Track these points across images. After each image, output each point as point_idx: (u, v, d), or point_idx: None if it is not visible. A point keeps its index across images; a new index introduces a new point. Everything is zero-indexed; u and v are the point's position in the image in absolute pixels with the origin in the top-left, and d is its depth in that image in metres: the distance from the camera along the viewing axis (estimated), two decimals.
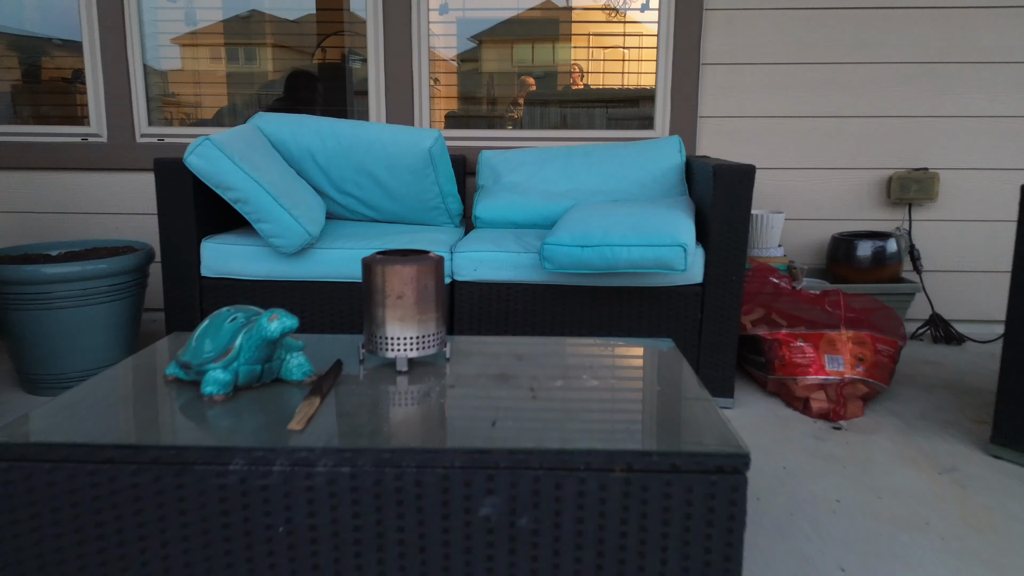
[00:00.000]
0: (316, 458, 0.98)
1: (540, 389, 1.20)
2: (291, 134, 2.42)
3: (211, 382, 1.13)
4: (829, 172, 2.89)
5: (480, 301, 2.17)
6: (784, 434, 1.99)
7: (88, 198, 3.01)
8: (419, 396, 1.16)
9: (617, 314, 2.14)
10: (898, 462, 1.83)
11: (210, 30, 3.04)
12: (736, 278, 2.09)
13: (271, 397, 1.16)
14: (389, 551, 0.99)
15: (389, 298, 1.26)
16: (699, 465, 0.96)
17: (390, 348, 1.27)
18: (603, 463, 0.96)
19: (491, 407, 1.12)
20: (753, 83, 2.84)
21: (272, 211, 2.04)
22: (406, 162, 2.35)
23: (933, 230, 2.91)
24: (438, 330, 1.30)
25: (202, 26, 3.04)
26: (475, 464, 0.97)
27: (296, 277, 2.16)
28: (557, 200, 2.53)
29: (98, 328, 2.26)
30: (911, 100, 2.83)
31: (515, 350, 1.42)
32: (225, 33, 3.04)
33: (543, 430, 1.02)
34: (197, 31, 3.04)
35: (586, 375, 1.27)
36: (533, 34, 2.99)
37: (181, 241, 2.16)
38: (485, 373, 1.28)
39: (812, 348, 2.16)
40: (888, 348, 2.18)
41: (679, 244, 1.92)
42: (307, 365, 1.22)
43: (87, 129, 2.97)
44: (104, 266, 2.21)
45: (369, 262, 1.26)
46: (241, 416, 1.08)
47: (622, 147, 2.65)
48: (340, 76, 3.06)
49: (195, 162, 1.99)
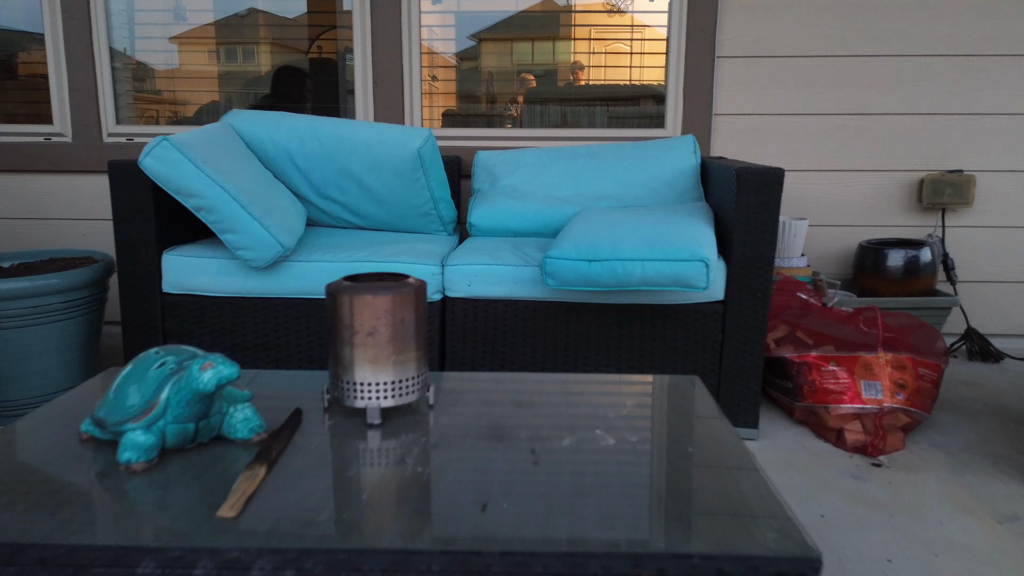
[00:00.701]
0: (250, 560, 0.75)
1: (543, 451, 0.97)
2: (268, 134, 2.19)
3: (129, 447, 0.90)
4: (854, 174, 2.66)
5: (474, 319, 1.94)
6: (818, 472, 1.76)
7: (53, 202, 2.78)
8: (393, 461, 0.93)
9: (627, 335, 1.91)
10: (951, 508, 1.60)
11: (191, 21, 2.80)
12: (762, 295, 1.86)
13: (208, 462, 0.93)
14: None
15: (358, 335, 1.03)
16: (754, 572, 0.73)
17: (359, 396, 1.04)
18: (628, 568, 0.73)
19: (483, 478, 0.89)
20: (772, 78, 2.61)
21: (240, 220, 1.81)
22: (393, 164, 2.12)
23: (967, 237, 2.68)
24: (419, 372, 1.07)
25: (179, 18, 2.80)
26: (458, 568, 0.74)
27: (269, 293, 1.93)
28: (560, 206, 2.30)
29: (50, 350, 2.03)
30: (944, 96, 2.59)
31: (513, 391, 1.19)
32: (205, 26, 2.81)
33: (547, 516, 0.79)
34: (173, 22, 2.80)
35: (599, 429, 1.04)
36: (533, 31, 2.76)
37: (140, 253, 1.93)
38: (476, 426, 1.05)
39: (846, 373, 1.93)
40: (931, 372, 1.95)
41: (700, 259, 1.68)
42: (255, 420, 0.99)
43: (50, 128, 2.74)
44: (56, 281, 1.98)
45: (334, 290, 1.03)
46: (165, 492, 0.85)
47: (631, 147, 2.42)
48: (332, 73, 2.82)
49: (151, 165, 1.76)
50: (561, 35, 2.74)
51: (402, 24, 2.64)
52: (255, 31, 2.82)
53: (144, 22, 2.77)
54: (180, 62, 2.82)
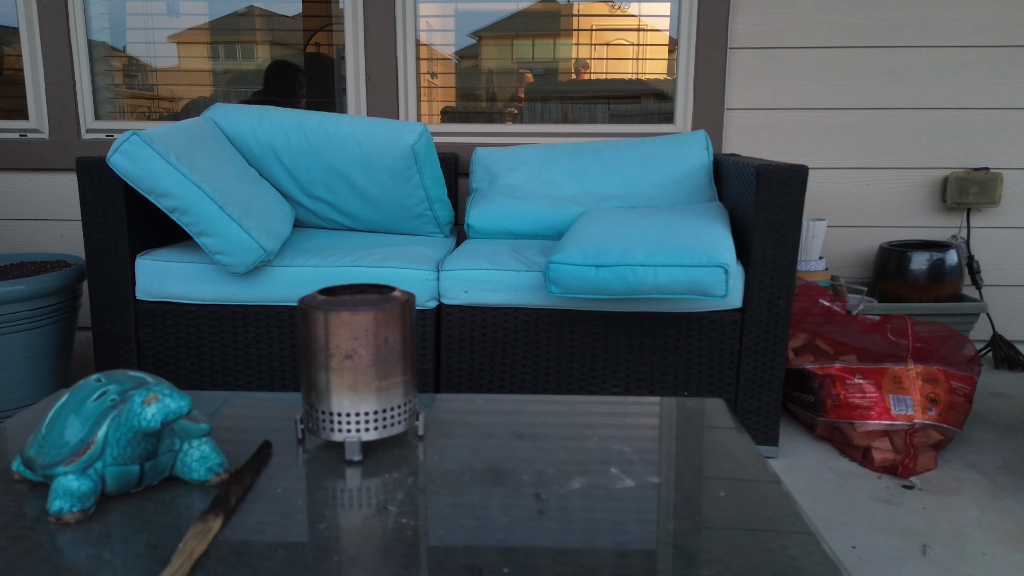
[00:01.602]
0: None
1: (550, 497, 0.83)
2: (251, 129, 2.05)
3: (60, 494, 0.76)
4: (875, 172, 2.52)
5: (472, 329, 1.80)
6: (846, 497, 1.62)
7: (29, 202, 2.64)
8: (373, 511, 0.79)
9: (637, 346, 1.77)
10: (994, 539, 1.46)
11: (186, 15, 2.66)
12: (784, 302, 1.72)
13: (155, 510, 0.79)
14: None
15: (334, 358, 0.89)
16: None
17: (336, 428, 0.90)
18: None
19: (478, 533, 0.75)
20: (788, 70, 2.47)
21: (217, 222, 1.67)
22: (384, 161, 1.98)
23: (994, 239, 2.53)
24: (405, 400, 0.93)
25: (172, 13, 2.66)
26: None
27: (250, 301, 1.79)
28: (563, 206, 2.15)
29: (18, 361, 1.89)
30: (970, 90, 2.45)
31: (513, 420, 1.04)
32: (199, 28, 2.67)
33: None
34: (156, 13, 2.66)
35: (615, 468, 0.90)
36: (534, 29, 2.61)
37: (111, 258, 1.79)
38: (471, 464, 0.91)
39: (873, 386, 1.79)
40: (964, 386, 1.81)
41: (719, 264, 1.54)
42: (214, 457, 0.85)
43: (26, 124, 2.60)
44: (22, 287, 1.84)
45: (306, 306, 0.89)
46: (100, 548, 0.71)
47: (639, 144, 2.27)
48: (327, 69, 2.68)
49: (120, 162, 1.62)
50: (562, 33, 2.60)
51: (396, 13, 2.50)
52: (251, 28, 2.68)
53: (132, 12, 2.63)
54: (175, 58, 2.68)
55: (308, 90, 2.72)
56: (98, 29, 2.60)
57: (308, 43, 2.69)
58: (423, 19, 2.58)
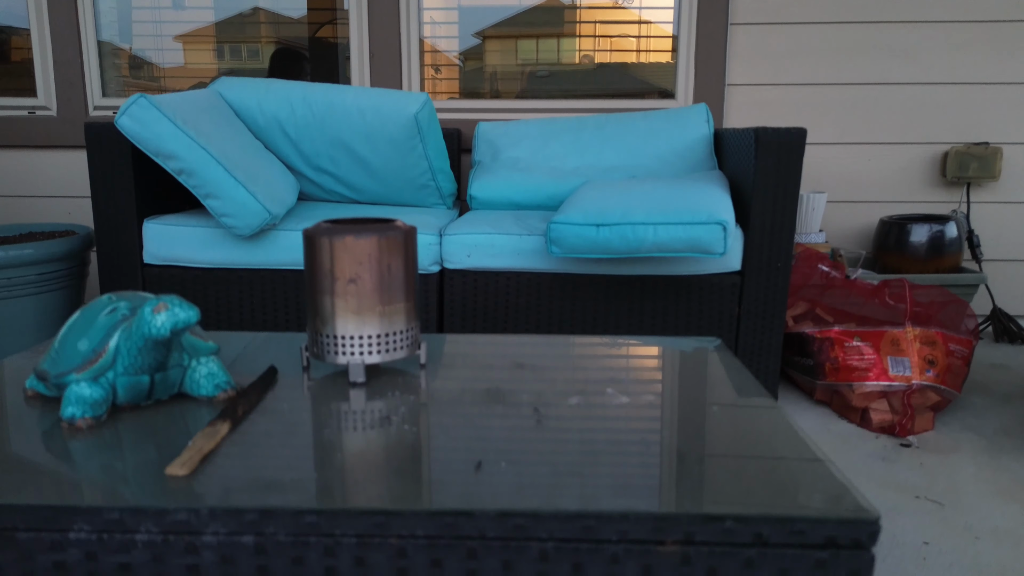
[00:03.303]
0: (203, 524, 0.63)
1: (548, 413, 0.85)
2: (257, 101, 2.07)
3: (73, 401, 0.78)
4: (875, 147, 2.54)
5: (474, 293, 1.82)
6: (844, 456, 1.64)
7: (38, 179, 2.67)
8: (375, 422, 0.82)
9: (637, 310, 1.79)
10: (991, 492, 1.47)
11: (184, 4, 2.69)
12: (782, 265, 1.73)
13: (165, 421, 0.81)
14: None
15: (339, 283, 0.91)
16: (798, 537, 0.61)
17: (341, 351, 0.93)
18: (649, 533, 0.61)
19: (477, 440, 0.77)
20: (790, 46, 2.49)
21: (223, 184, 1.69)
22: (388, 132, 2.00)
23: (993, 214, 2.55)
24: (408, 326, 0.96)
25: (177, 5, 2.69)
26: (447, 532, 0.62)
27: (255, 264, 1.82)
28: (565, 178, 2.18)
29: (27, 326, 1.92)
30: (971, 64, 2.47)
31: (514, 354, 1.07)
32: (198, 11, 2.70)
33: (553, 479, 0.68)
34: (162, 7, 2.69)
35: (611, 388, 0.92)
36: (538, 27, 2.63)
37: (119, 222, 1.82)
38: (472, 387, 0.93)
39: (872, 349, 1.80)
40: (962, 349, 1.83)
41: (717, 221, 1.56)
42: (222, 375, 0.87)
43: (34, 101, 2.63)
44: (31, 251, 1.87)
45: (312, 233, 0.92)
46: (112, 451, 0.74)
47: (640, 117, 2.29)
48: (332, 59, 2.71)
49: (127, 124, 1.64)
50: (565, 31, 2.62)
51: (400, 11, 2.52)
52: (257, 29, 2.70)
53: (138, 6, 2.66)
54: (184, 59, 2.71)
55: (312, 77, 2.75)
56: (106, 24, 2.64)
57: (313, 35, 2.72)
58: (427, 12, 2.61)
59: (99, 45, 2.62)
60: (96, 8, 2.60)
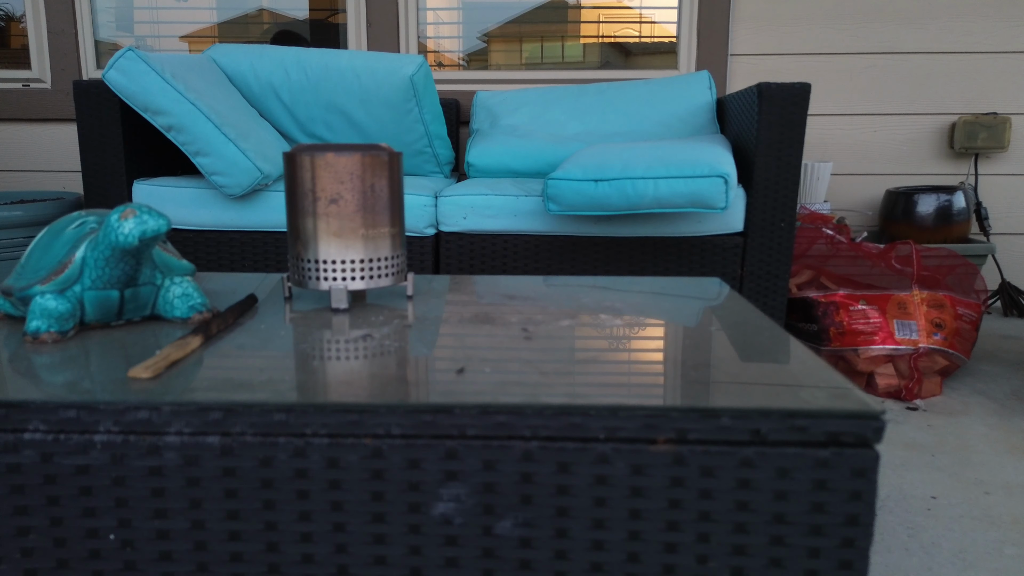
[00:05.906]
0: (164, 421, 0.59)
1: (538, 331, 0.81)
2: (250, 67, 2.04)
3: (37, 314, 0.74)
4: (882, 118, 2.49)
5: (471, 257, 1.78)
6: None
7: (31, 153, 2.64)
8: (355, 339, 0.78)
9: (638, 271, 1.75)
10: (1001, 450, 1.43)
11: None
12: (786, 224, 1.69)
13: (135, 339, 0.77)
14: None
15: (320, 203, 0.87)
16: (799, 433, 0.57)
17: (322, 275, 0.89)
18: (638, 430, 0.57)
19: (462, 350, 0.73)
20: (794, 14, 2.44)
21: (213, 141, 1.66)
22: (383, 95, 1.96)
23: (1002, 185, 2.50)
24: (394, 253, 0.92)
25: None
26: (425, 431, 0.58)
27: (247, 226, 1.78)
28: (565, 144, 2.14)
29: None
30: (980, 33, 2.42)
31: (507, 286, 1.03)
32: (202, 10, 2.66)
33: (539, 383, 0.64)
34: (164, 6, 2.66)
35: (605, 314, 0.88)
36: (540, 23, 2.59)
37: (108, 183, 1.78)
38: (461, 314, 0.89)
39: (878, 312, 1.76)
40: (970, 313, 1.78)
41: (719, 174, 1.52)
42: (197, 296, 0.83)
43: (28, 73, 2.61)
44: (19, 213, 1.84)
45: (293, 153, 0.88)
46: (77, 365, 0.70)
47: (642, 84, 2.25)
48: (332, 35, 2.67)
49: (115, 78, 1.61)
50: (569, 31, 2.58)
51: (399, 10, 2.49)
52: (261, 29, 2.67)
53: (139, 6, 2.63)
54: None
55: None
56: (106, 23, 2.61)
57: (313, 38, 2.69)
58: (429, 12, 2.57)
59: (93, 5, 2.59)
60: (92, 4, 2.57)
